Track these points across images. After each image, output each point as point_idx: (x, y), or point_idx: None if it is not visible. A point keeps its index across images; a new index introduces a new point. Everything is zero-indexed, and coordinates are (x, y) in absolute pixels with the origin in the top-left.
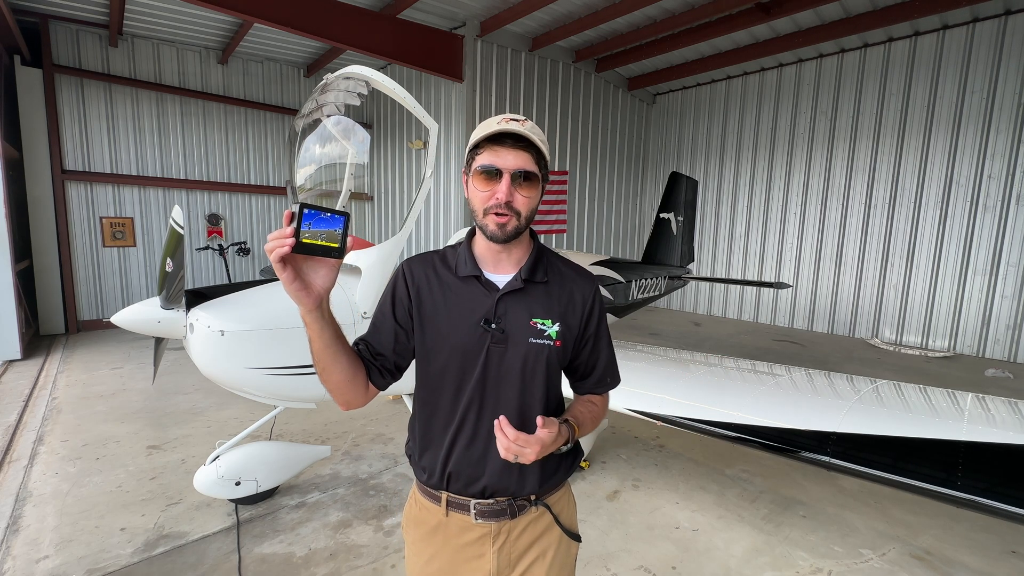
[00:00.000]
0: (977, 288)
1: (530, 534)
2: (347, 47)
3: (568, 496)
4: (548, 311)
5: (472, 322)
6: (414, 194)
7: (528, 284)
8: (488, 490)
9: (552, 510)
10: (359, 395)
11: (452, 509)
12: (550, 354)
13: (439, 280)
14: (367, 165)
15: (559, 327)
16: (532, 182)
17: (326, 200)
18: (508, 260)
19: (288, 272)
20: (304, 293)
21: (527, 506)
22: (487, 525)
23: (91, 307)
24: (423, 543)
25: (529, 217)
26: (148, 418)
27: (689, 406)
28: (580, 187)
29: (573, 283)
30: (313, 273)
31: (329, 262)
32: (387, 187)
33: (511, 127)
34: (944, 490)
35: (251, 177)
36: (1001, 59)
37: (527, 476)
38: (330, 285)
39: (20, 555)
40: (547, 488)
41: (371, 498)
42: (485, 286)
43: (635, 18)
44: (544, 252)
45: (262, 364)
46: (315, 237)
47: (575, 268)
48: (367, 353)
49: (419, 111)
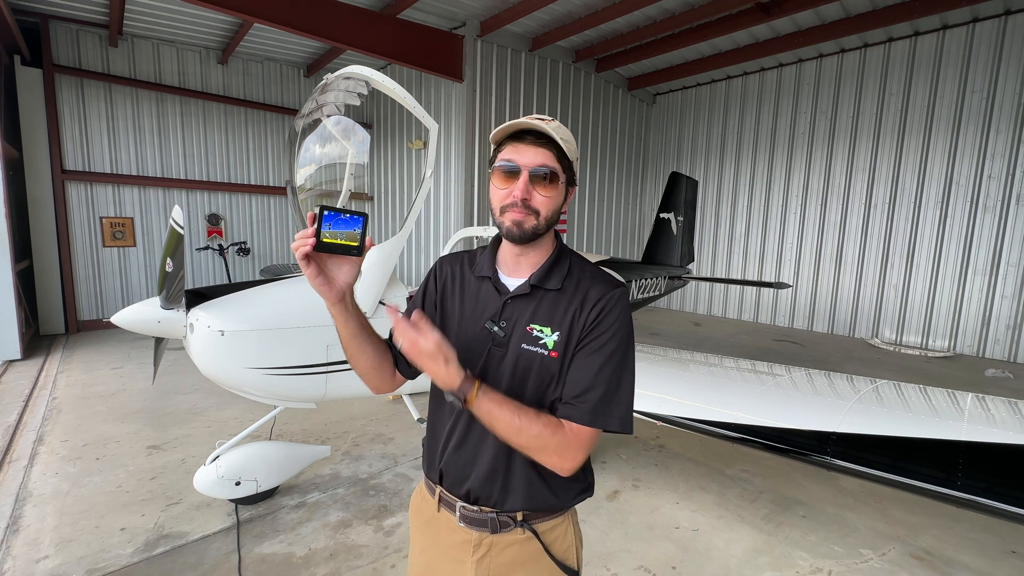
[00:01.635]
0: (977, 288)
1: (514, 556)
2: (347, 47)
3: (567, 527)
4: (550, 319)
5: (480, 323)
6: (414, 194)
7: (536, 290)
8: (472, 494)
9: (541, 538)
10: (386, 381)
11: (443, 506)
12: (542, 363)
13: (462, 278)
14: (367, 165)
15: (559, 336)
16: (552, 181)
17: (328, 200)
18: (526, 263)
19: (312, 268)
20: (327, 288)
21: (511, 525)
22: (469, 532)
23: (91, 307)
24: (419, 532)
25: (549, 218)
26: (148, 418)
27: (689, 406)
28: (580, 187)
29: (591, 288)
30: (336, 269)
31: (349, 259)
32: (387, 187)
33: (532, 123)
34: (944, 490)
35: (251, 177)
36: (1001, 59)
37: (510, 488)
38: (352, 280)
39: (20, 555)
40: (536, 511)
41: (371, 498)
42: (497, 288)
43: (635, 18)
44: (565, 257)
45: (262, 364)
46: (335, 237)
47: (598, 275)
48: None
49: (419, 111)
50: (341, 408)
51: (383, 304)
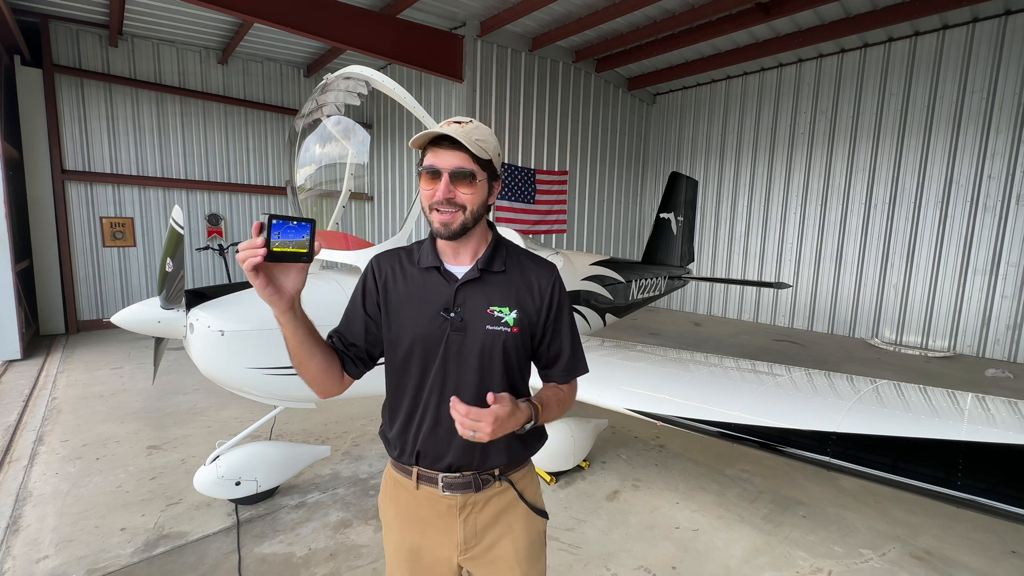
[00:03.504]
0: (977, 288)
1: (494, 507)
2: (347, 47)
3: (532, 474)
4: (505, 299)
5: (433, 311)
6: (414, 194)
7: (485, 273)
8: (453, 467)
9: (516, 486)
10: (335, 384)
11: (422, 482)
12: (507, 340)
13: (404, 273)
14: (367, 165)
15: (516, 314)
16: (471, 180)
17: (328, 201)
18: (466, 252)
19: (261, 279)
20: (277, 297)
21: (491, 480)
22: (453, 497)
23: (91, 307)
24: (397, 517)
25: (476, 211)
26: (148, 418)
27: (689, 406)
28: (580, 187)
29: (532, 272)
30: (284, 277)
31: (297, 266)
32: (387, 187)
33: (445, 130)
34: (944, 490)
35: (251, 177)
36: (1001, 59)
37: (490, 452)
38: (300, 287)
39: (20, 555)
40: (511, 465)
41: (371, 498)
42: (445, 276)
43: (635, 18)
44: (502, 243)
45: (262, 364)
46: (284, 245)
47: (535, 259)
48: (340, 345)
49: (419, 111)
50: (341, 408)
51: None
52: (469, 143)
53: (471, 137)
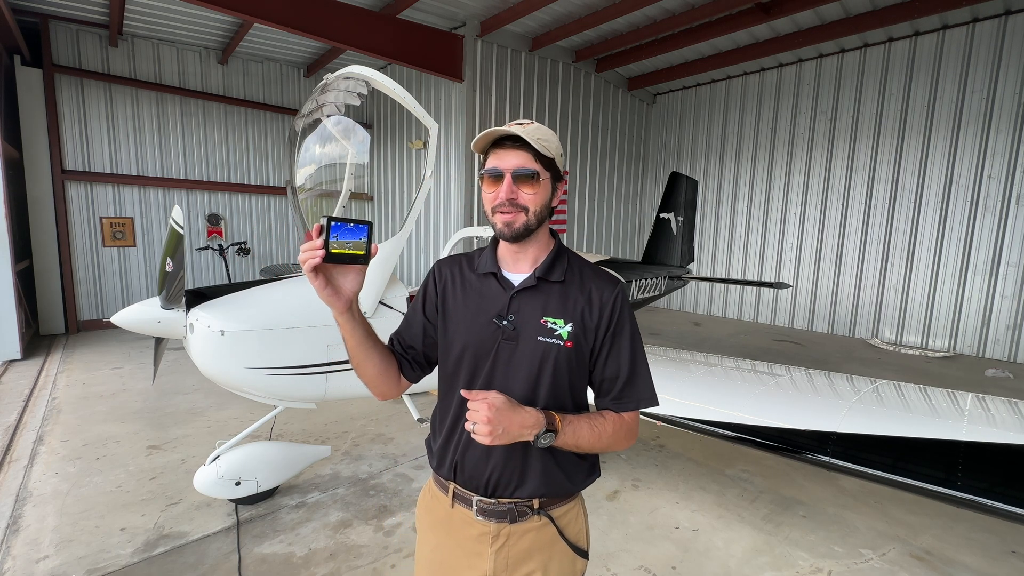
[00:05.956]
0: (977, 288)
1: (530, 542)
2: (347, 47)
3: (578, 511)
4: (561, 310)
5: (486, 318)
6: (414, 194)
7: (543, 282)
8: (490, 486)
9: (556, 523)
10: (392, 387)
11: (457, 502)
12: (559, 354)
13: (462, 278)
14: (367, 165)
15: (572, 328)
16: (534, 180)
17: (327, 201)
18: (526, 259)
19: (320, 280)
20: (335, 298)
21: (528, 513)
22: (487, 524)
23: (91, 307)
24: (431, 531)
25: (539, 213)
26: (148, 418)
27: (689, 406)
28: (580, 187)
29: (593, 284)
30: (342, 279)
31: (355, 268)
32: (387, 187)
33: (507, 131)
34: (944, 490)
35: (251, 177)
36: (1001, 59)
37: (528, 476)
38: (358, 288)
39: (20, 555)
40: (551, 498)
41: (371, 498)
42: (501, 283)
43: (635, 18)
44: (564, 253)
45: (262, 364)
46: (342, 247)
47: (597, 271)
48: (399, 347)
49: (419, 111)
50: (341, 408)
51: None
52: (532, 141)
53: (533, 136)
